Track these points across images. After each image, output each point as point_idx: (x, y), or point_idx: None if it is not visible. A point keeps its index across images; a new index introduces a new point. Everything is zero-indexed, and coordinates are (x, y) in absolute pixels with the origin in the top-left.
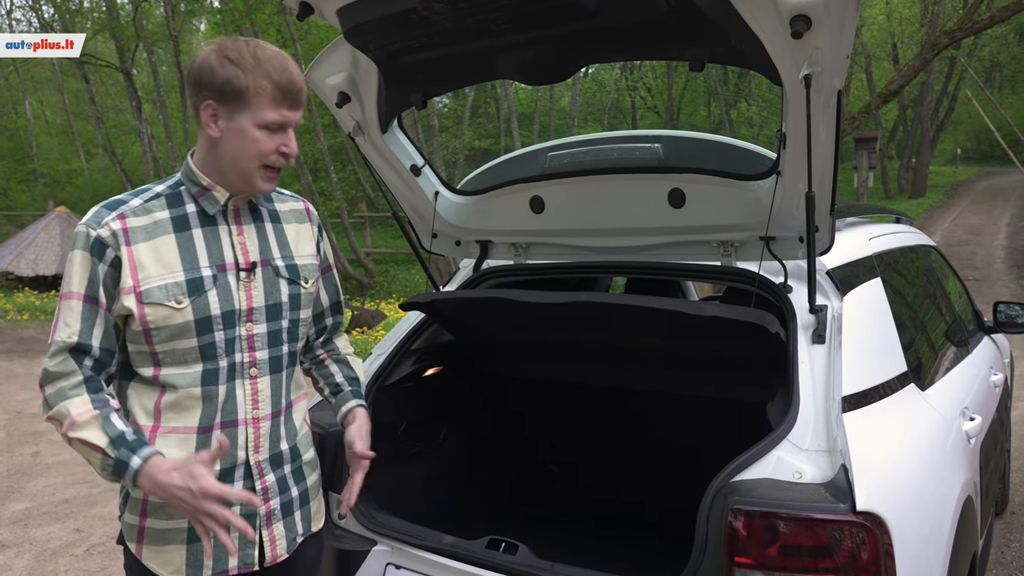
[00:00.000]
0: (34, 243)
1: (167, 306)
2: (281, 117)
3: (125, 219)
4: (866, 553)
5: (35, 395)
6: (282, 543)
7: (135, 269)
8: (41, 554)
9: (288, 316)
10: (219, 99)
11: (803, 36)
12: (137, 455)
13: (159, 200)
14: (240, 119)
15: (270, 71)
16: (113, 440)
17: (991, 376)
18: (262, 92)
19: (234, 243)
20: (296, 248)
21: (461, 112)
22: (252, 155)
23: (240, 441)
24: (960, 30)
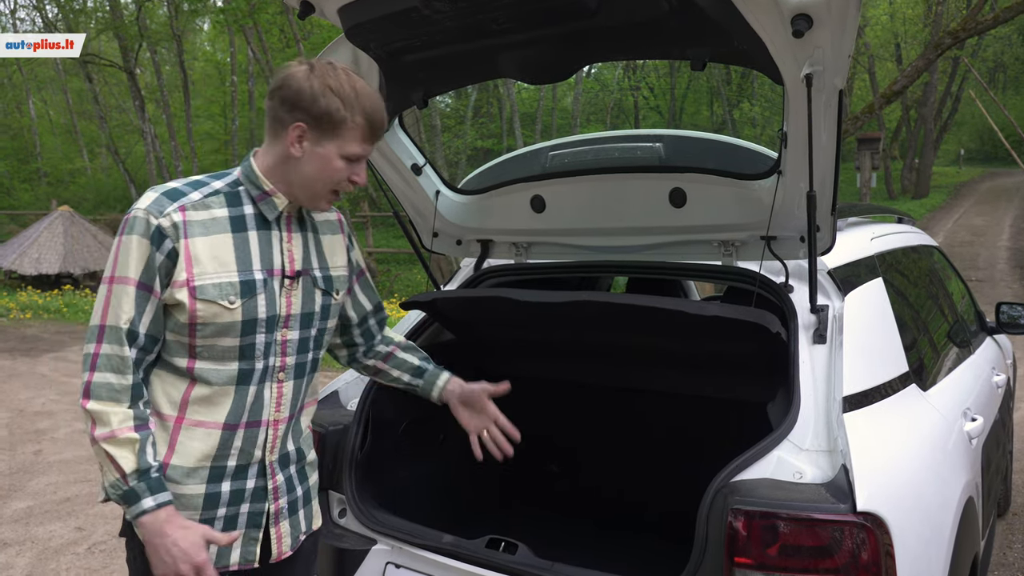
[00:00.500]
0: (37, 242)
1: (219, 304)
2: (363, 151)
3: (186, 212)
4: (866, 553)
5: (38, 394)
6: (287, 540)
7: (191, 263)
8: (43, 552)
9: (317, 325)
10: (312, 125)
11: (804, 35)
12: (152, 498)
13: (218, 197)
14: (327, 146)
15: (367, 107)
16: (139, 471)
17: (993, 377)
18: (356, 128)
19: (283, 249)
20: (332, 260)
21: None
22: (327, 180)
23: (260, 441)
24: (964, 30)
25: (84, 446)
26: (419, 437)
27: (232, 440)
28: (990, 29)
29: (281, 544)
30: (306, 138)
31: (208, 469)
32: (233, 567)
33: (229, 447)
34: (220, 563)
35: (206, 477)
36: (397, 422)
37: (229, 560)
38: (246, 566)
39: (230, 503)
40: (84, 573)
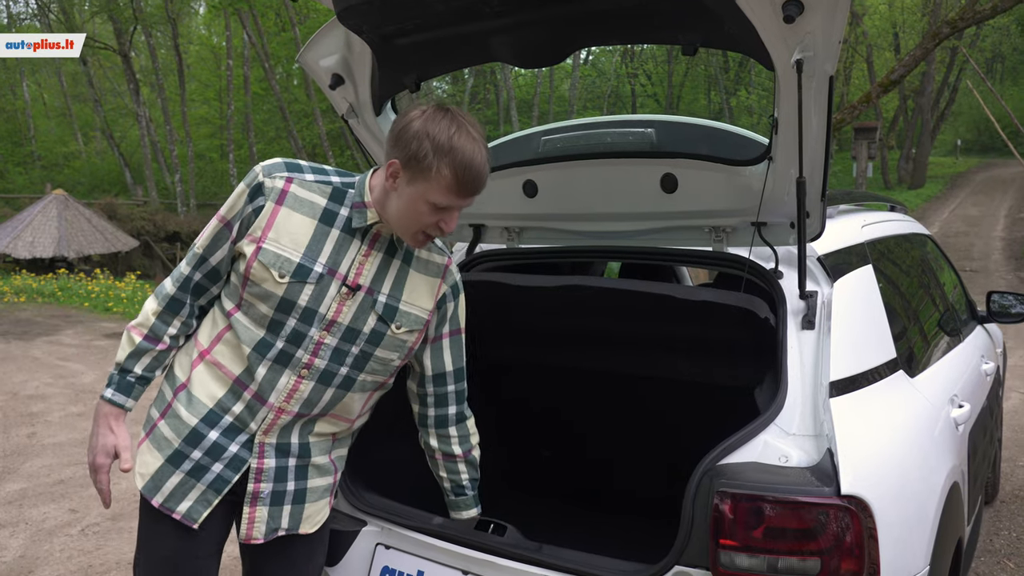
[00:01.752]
0: (31, 225)
1: (270, 272)
2: (449, 203)
3: (291, 184)
4: (850, 536)
5: (31, 377)
6: (260, 527)
7: (270, 227)
8: (36, 534)
9: (362, 346)
10: (404, 163)
11: (795, 21)
12: (111, 391)
13: (328, 188)
14: (415, 188)
15: (456, 160)
16: (122, 366)
17: (982, 365)
18: (441, 178)
19: (356, 260)
20: (409, 293)
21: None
22: (412, 220)
23: (258, 416)
24: (962, 20)
25: (78, 429)
26: (409, 420)
27: (237, 398)
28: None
29: (252, 528)
30: (399, 176)
31: (208, 410)
32: (176, 515)
33: (232, 403)
34: (166, 504)
35: (203, 415)
36: (388, 404)
37: (175, 507)
38: (187, 522)
39: (208, 452)
40: (77, 554)
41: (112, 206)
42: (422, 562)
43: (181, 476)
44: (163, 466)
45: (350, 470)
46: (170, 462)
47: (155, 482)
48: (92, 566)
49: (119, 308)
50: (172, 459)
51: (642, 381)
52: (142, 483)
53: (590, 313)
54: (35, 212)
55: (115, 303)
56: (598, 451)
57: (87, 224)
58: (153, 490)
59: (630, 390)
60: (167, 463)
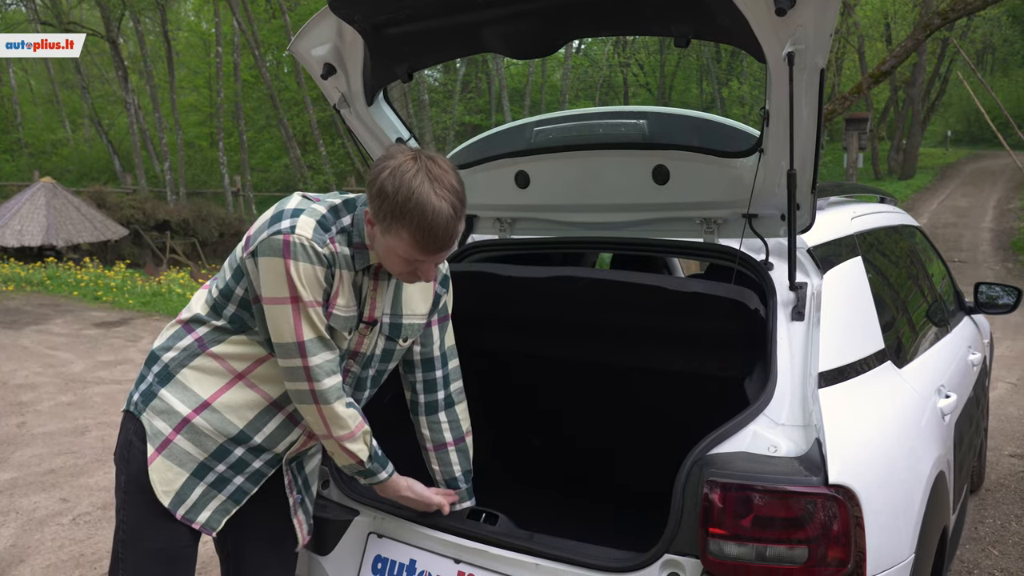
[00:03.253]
0: (19, 214)
1: (341, 334)
2: (419, 257)
3: (335, 246)
4: (837, 525)
5: (20, 366)
6: (305, 528)
7: (338, 294)
8: (27, 523)
9: (376, 367)
10: (374, 217)
11: (787, 14)
12: (385, 471)
13: (344, 235)
14: (386, 241)
15: (414, 224)
16: (372, 456)
17: (969, 355)
18: (402, 240)
19: (367, 296)
20: (407, 307)
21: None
22: (391, 267)
23: (289, 438)
24: (953, 11)
25: (68, 418)
26: (402, 410)
27: (271, 419)
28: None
29: (302, 530)
30: (375, 225)
31: (238, 430)
32: (196, 526)
33: (264, 423)
34: (188, 516)
35: (231, 435)
36: (381, 394)
37: (196, 517)
38: (206, 531)
39: (232, 466)
40: (69, 544)
41: (101, 194)
42: (414, 551)
43: (204, 487)
44: (188, 480)
45: None
46: (195, 475)
47: (180, 496)
48: (84, 555)
49: (108, 297)
50: (196, 472)
51: (632, 371)
52: (168, 500)
53: (581, 304)
54: (23, 200)
55: (104, 292)
56: (589, 441)
57: (76, 212)
58: (178, 504)
59: (620, 380)
60: (192, 476)
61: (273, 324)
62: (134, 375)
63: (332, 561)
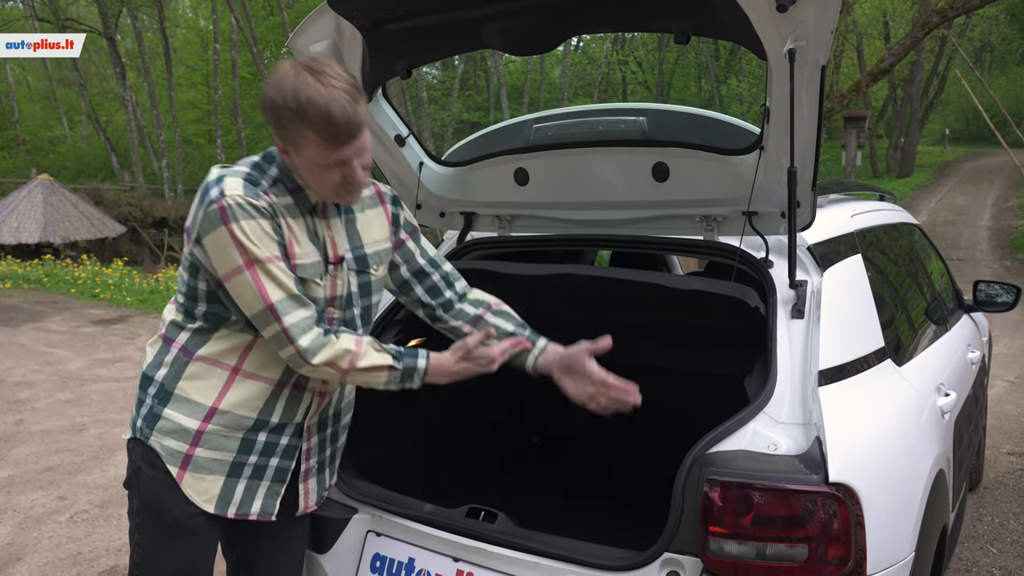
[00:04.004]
0: (16, 211)
1: (314, 281)
2: (338, 156)
3: (271, 197)
4: (837, 523)
5: (18, 363)
6: (313, 496)
7: (292, 243)
8: (24, 521)
9: (360, 304)
10: (279, 139)
11: (788, 10)
12: (422, 358)
13: (277, 187)
14: (301, 157)
15: (312, 120)
16: (395, 356)
17: (968, 354)
18: (311, 143)
19: (325, 236)
20: (367, 235)
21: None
22: (321, 184)
23: (303, 405)
24: (952, 9)
25: (65, 416)
26: (401, 407)
27: (279, 398)
28: (978, 8)
29: (308, 499)
30: (283, 145)
31: (254, 420)
32: (252, 517)
33: (275, 404)
34: (241, 511)
35: (249, 426)
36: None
37: (250, 509)
38: (264, 518)
39: (262, 453)
40: (66, 541)
41: (99, 191)
42: (413, 549)
43: (245, 482)
44: (226, 482)
45: (342, 458)
46: (231, 475)
47: (224, 499)
48: (81, 553)
49: (106, 295)
50: (232, 472)
51: (632, 369)
52: (212, 507)
53: (581, 301)
54: (20, 197)
55: (102, 289)
56: (588, 439)
57: (73, 210)
58: (225, 505)
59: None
60: (229, 478)
61: (240, 299)
62: (132, 373)
63: (331, 559)
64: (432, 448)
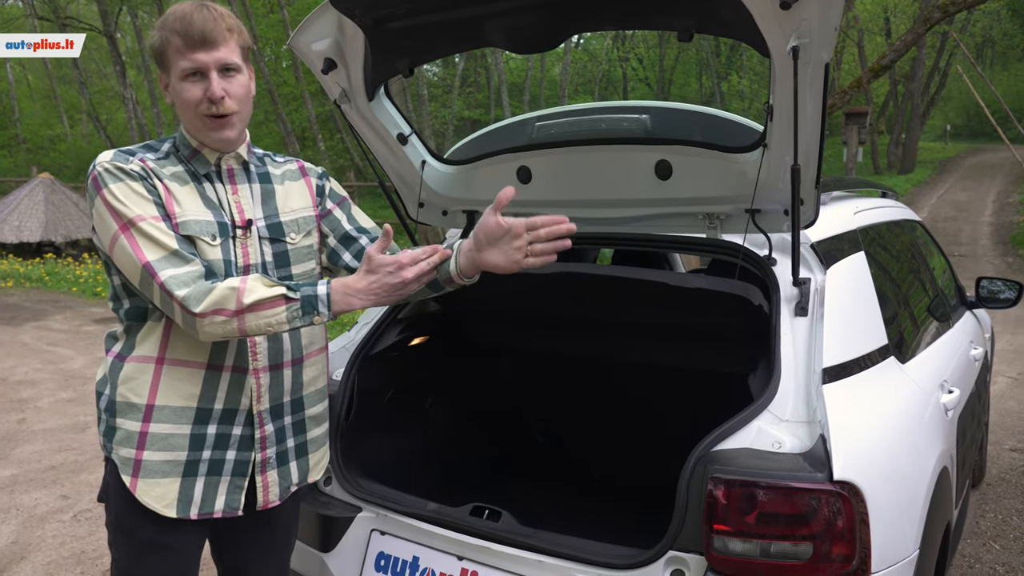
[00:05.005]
0: (17, 210)
1: (203, 240)
2: (193, 63)
3: (147, 162)
4: (842, 521)
5: (20, 362)
6: (275, 490)
7: (171, 202)
8: (28, 520)
9: (276, 274)
10: (159, 67)
11: (791, 7)
12: (320, 285)
13: (165, 156)
14: (172, 78)
15: (173, 23)
16: (288, 286)
17: (971, 350)
18: (170, 45)
19: (230, 201)
20: (284, 205)
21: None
22: (184, 107)
23: (246, 389)
24: (953, 4)
25: (68, 415)
26: (404, 406)
27: (218, 382)
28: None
29: (268, 493)
30: (165, 81)
31: (194, 410)
32: (217, 514)
33: (215, 389)
34: (204, 510)
35: (192, 418)
36: (383, 391)
37: (214, 507)
38: (230, 513)
39: (215, 446)
40: (69, 540)
41: None
42: (417, 548)
43: (203, 479)
44: (183, 482)
45: (345, 458)
46: (187, 475)
47: (183, 501)
48: (84, 552)
49: (107, 293)
50: (188, 471)
51: (636, 367)
52: (173, 511)
53: (584, 300)
54: (21, 196)
55: (103, 288)
56: (592, 437)
57: (74, 208)
58: (186, 507)
59: (624, 376)
60: (185, 478)
61: (124, 268)
62: None
63: (335, 558)
64: (436, 446)
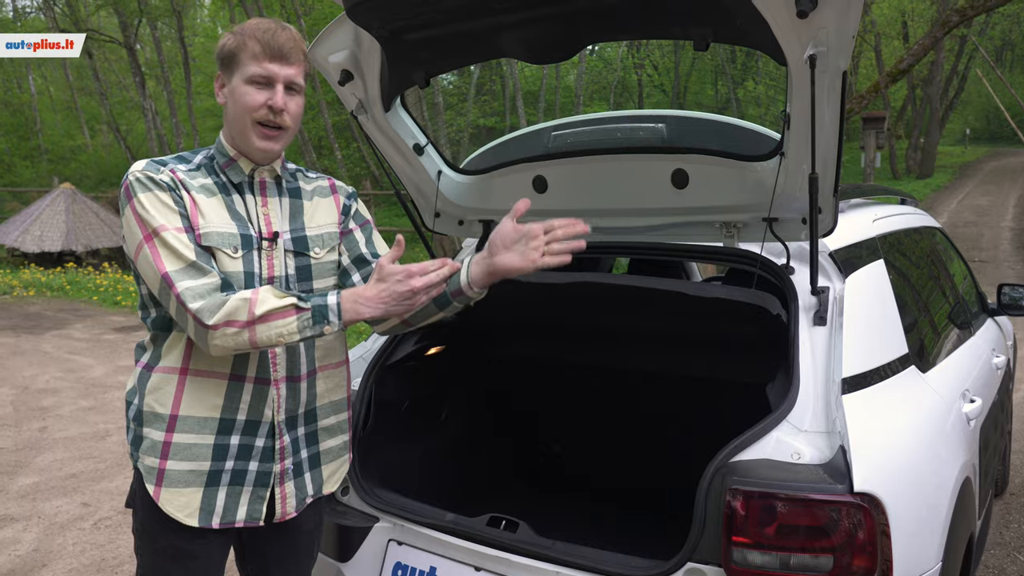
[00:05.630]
0: (39, 219)
1: (224, 252)
2: (264, 71)
3: (177, 173)
4: (863, 533)
5: (42, 371)
6: (291, 501)
7: (196, 212)
8: (49, 528)
9: (297, 287)
10: (221, 67)
11: (809, 16)
12: (331, 295)
13: (199, 170)
14: (234, 80)
15: (255, 31)
16: (299, 297)
17: (993, 358)
18: (247, 49)
19: (259, 213)
20: (310, 220)
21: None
22: (242, 110)
23: (268, 400)
24: (971, 8)
25: (88, 423)
26: (421, 416)
27: (241, 393)
28: (998, 7)
29: (286, 505)
30: (223, 82)
31: (218, 420)
32: (239, 523)
33: (238, 400)
34: (226, 519)
35: (215, 428)
36: (399, 401)
37: (235, 517)
38: (251, 523)
39: (238, 456)
40: (90, 548)
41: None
42: (434, 558)
43: (226, 489)
44: (206, 492)
45: (362, 467)
46: (210, 485)
47: (205, 510)
48: (105, 559)
49: (127, 302)
50: (210, 481)
51: (653, 377)
52: (196, 520)
53: (601, 310)
54: (43, 206)
55: (124, 297)
56: (609, 447)
57: (95, 218)
58: (208, 516)
59: (641, 386)
60: (208, 488)
61: (146, 278)
62: None
63: (352, 568)
64: (452, 456)
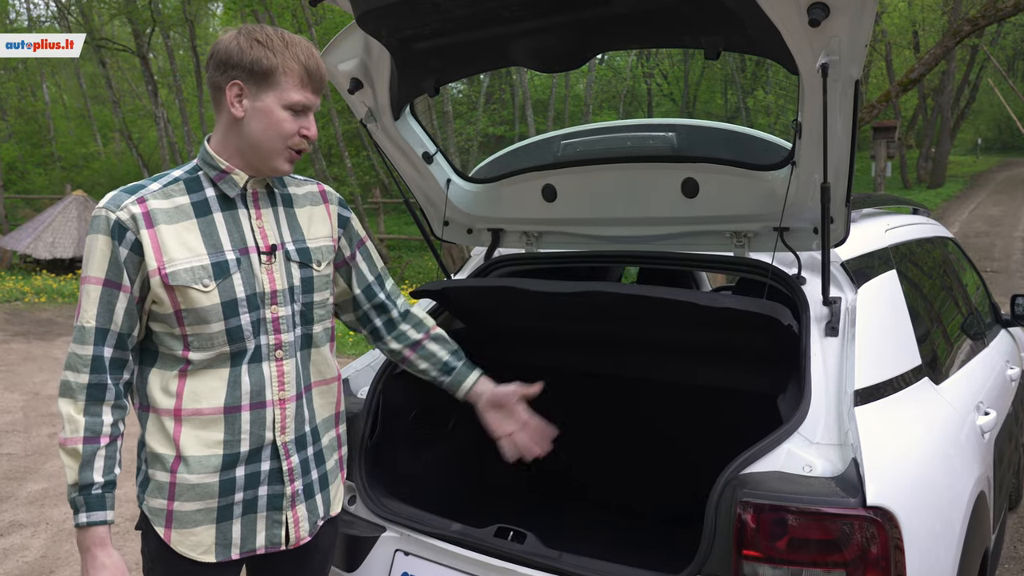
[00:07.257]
0: (51, 226)
1: (194, 288)
2: (306, 99)
3: (145, 203)
4: (876, 548)
5: (52, 377)
6: (305, 525)
7: (159, 251)
8: (57, 534)
9: (302, 300)
10: (247, 78)
11: (821, 24)
12: (86, 515)
13: (178, 185)
14: (266, 99)
15: (298, 54)
16: (79, 485)
17: (1007, 370)
18: (290, 73)
19: (253, 226)
20: (308, 231)
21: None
22: (276, 135)
23: (268, 422)
24: (983, 18)
25: None
26: (428, 425)
27: (238, 423)
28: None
29: (299, 529)
30: (245, 95)
31: (220, 457)
32: (260, 551)
33: (238, 432)
34: (246, 548)
35: (219, 465)
36: (407, 410)
37: (255, 544)
38: (272, 549)
39: (246, 487)
40: None
41: None
42: (441, 569)
43: (240, 520)
44: (219, 527)
45: (369, 477)
46: (222, 520)
47: (222, 545)
48: None
49: None
50: (221, 516)
51: (663, 388)
52: (212, 556)
53: (610, 319)
54: (55, 213)
55: None
56: (618, 457)
57: None
58: (225, 550)
59: (650, 396)
60: (220, 523)
61: None
62: None
63: None
64: (460, 466)
